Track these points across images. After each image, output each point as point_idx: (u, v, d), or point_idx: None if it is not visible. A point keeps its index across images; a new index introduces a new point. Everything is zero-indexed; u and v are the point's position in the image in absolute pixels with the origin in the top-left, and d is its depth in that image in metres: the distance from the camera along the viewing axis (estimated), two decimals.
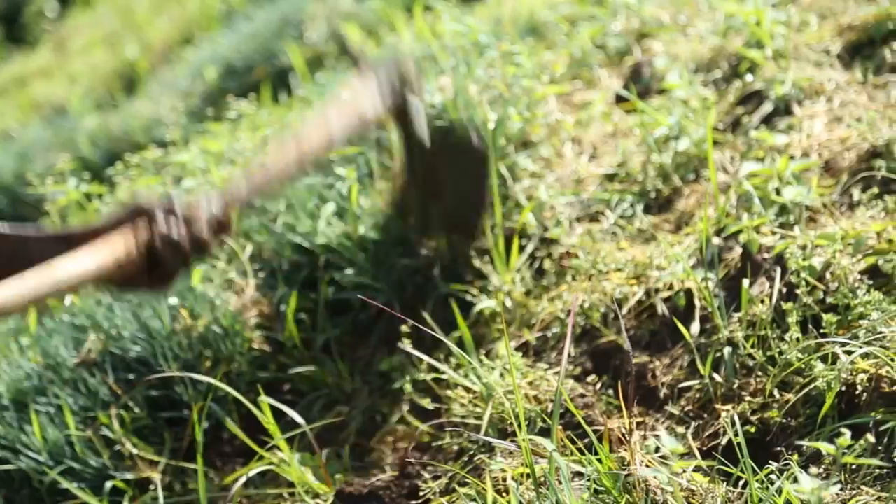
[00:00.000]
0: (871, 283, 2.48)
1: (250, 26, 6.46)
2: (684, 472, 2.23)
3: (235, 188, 2.50)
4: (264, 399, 2.72)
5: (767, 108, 3.15)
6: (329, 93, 3.85)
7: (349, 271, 3.06)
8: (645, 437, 2.42)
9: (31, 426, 2.97)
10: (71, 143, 6.24)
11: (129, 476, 2.89)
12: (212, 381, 2.63)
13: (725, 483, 2.25)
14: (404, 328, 2.74)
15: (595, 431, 2.41)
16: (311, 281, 3.16)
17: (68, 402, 2.98)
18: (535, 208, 3.11)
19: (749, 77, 3.27)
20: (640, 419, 2.54)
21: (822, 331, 2.41)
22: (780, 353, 2.44)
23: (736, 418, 2.29)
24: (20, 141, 6.97)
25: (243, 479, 2.74)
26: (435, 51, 3.60)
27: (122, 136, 5.86)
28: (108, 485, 2.86)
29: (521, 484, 2.31)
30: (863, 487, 2.13)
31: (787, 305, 2.46)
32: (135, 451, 2.91)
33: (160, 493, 2.68)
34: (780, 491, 2.09)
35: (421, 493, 2.54)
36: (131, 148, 5.42)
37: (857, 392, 2.29)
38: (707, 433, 2.45)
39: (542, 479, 2.23)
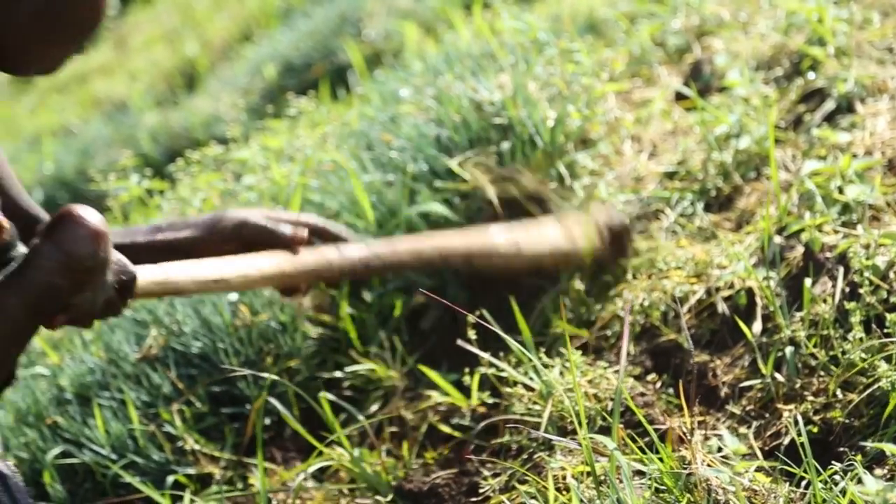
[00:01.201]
0: None
1: (309, 24, 6.49)
2: (746, 471, 2.23)
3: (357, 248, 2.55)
4: (324, 395, 2.74)
5: (829, 105, 3.13)
6: (387, 90, 3.86)
7: None
8: (706, 437, 2.41)
9: (95, 420, 3.00)
10: (132, 140, 6.30)
11: (190, 471, 2.91)
12: (272, 377, 2.65)
13: (788, 483, 2.24)
14: (470, 319, 2.74)
15: (655, 430, 2.40)
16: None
17: (131, 396, 3.01)
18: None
19: (811, 75, 3.25)
20: (700, 418, 2.54)
21: (885, 331, 2.39)
22: (843, 352, 2.42)
23: (799, 418, 2.28)
24: (81, 137, 7.04)
25: (303, 475, 2.76)
26: (494, 48, 3.60)
27: (183, 132, 5.90)
28: (170, 479, 2.89)
29: (581, 482, 2.31)
30: None
31: (850, 305, 2.45)
32: (196, 446, 2.94)
33: (221, 488, 2.70)
34: (844, 492, 2.08)
35: (480, 491, 2.54)
36: (191, 145, 5.46)
37: None
38: (769, 433, 2.44)
39: (603, 478, 2.23)
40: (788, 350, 2.52)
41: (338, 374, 3.05)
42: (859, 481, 2.07)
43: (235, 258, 2.41)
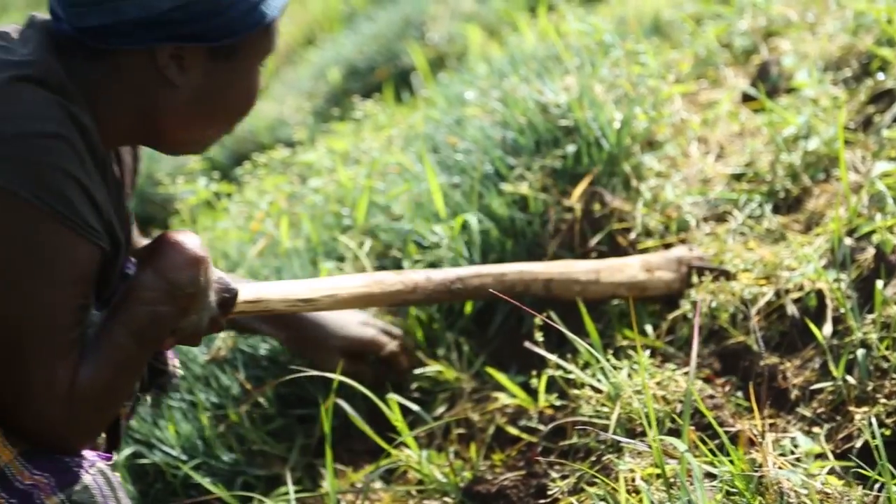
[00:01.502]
0: None
1: (372, 27, 6.52)
2: (819, 474, 2.21)
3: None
4: (392, 396, 2.75)
5: None
6: (452, 93, 3.87)
7: None
8: (777, 440, 2.40)
9: (165, 421, 3.03)
10: None
11: (259, 472, 2.93)
12: (340, 377, 2.67)
13: (861, 486, 2.23)
14: (537, 321, 2.74)
15: (725, 432, 2.39)
16: None
17: (201, 398, 3.03)
18: (661, 208, 3.10)
19: (880, 75, 3.22)
20: (771, 421, 2.52)
21: None
22: None
23: (873, 420, 2.26)
24: None
25: (372, 477, 2.77)
26: (559, 50, 3.60)
27: (248, 136, 5.94)
28: (240, 480, 2.92)
29: (650, 484, 2.31)
30: None
31: None
32: (265, 447, 2.96)
33: (291, 489, 2.71)
34: None
35: (549, 493, 2.54)
36: (257, 148, 5.49)
37: None
38: (840, 436, 2.42)
39: (673, 480, 2.23)
40: (860, 352, 2.50)
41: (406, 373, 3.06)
42: None
43: (325, 279, 2.47)
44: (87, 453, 2.03)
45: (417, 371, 3.01)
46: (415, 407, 2.87)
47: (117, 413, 2.13)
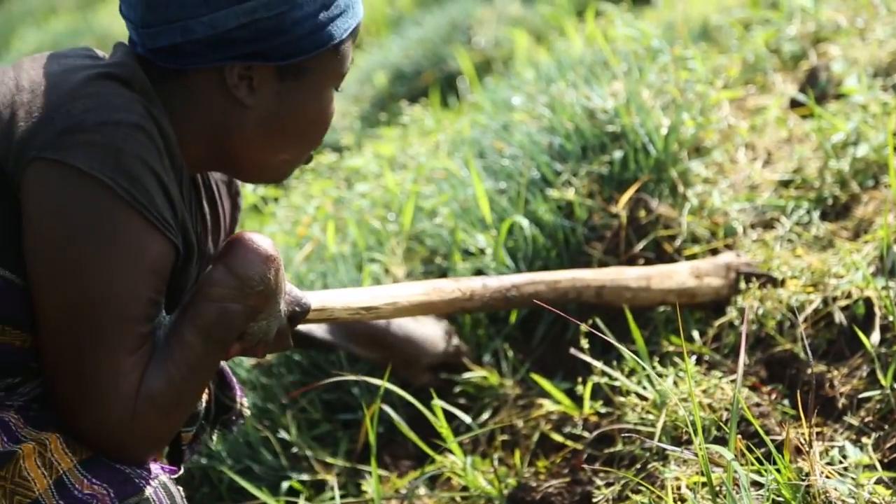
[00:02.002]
0: None
1: (419, 31, 6.53)
2: (867, 483, 2.19)
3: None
4: (437, 402, 2.75)
5: None
6: (499, 98, 3.87)
7: None
8: (825, 449, 2.38)
9: None
10: None
11: (305, 477, 2.94)
12: (385, 384, 2.67)
13: None
14: (583, 328, 2.74)
15: (772, 441, 2.38)
16: None
17: (246, 402, 3.04)
18: (707, 215, 3.09)
19: None
20: (818, 429, 2.51)
21: None
22: None
23: None
24: None
25: (416, 482, 2.77)
26: (607, 56, 3.59)
27: None
28: (285, 485, 2.92)
29: (696, 493, 2.29)
30: None
31: None
32: (310, 452, 2.96)
33: (336, 494, 2.72)
34: None
35: (594, 500, 2.53)
36: None
37: None
38: (888, 445, 2.40)
39: (719, 489, 2.22)
40: None
41: (451, 379, 3.06)
42: None
43: (386, 287, 2.49)
44: (151, 465, 2.00)
45: (463, 376, 3.01)
46: (459, 413, 2.87)
47: (181, 423, 2.09)
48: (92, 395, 1.93)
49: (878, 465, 2.35)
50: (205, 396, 2.27)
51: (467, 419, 2.84)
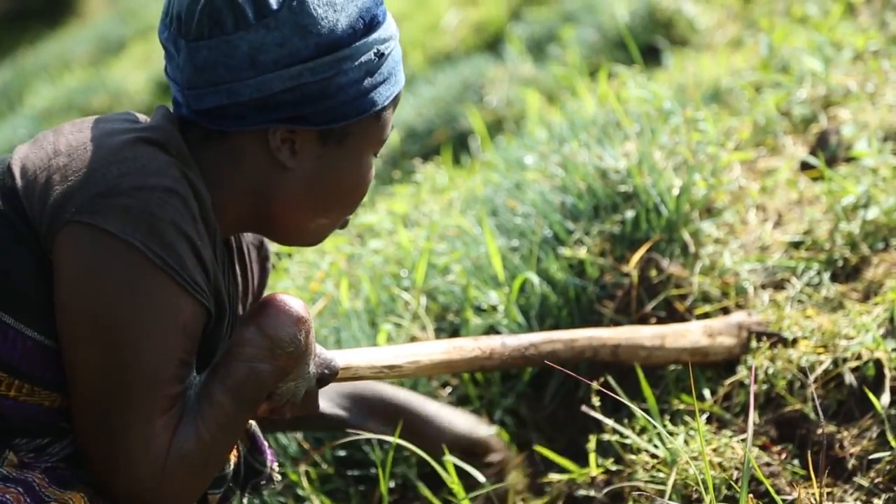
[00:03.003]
0: None
1: (431, 90, 6.58)
2: None
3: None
4: (449, 458, 2.76)
5: None
6: (511, 157, 3.91)
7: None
8: None
9: None
10: None
11: None
12: (397, 440, 2.68)
13: None
14: (595, 386, 2.76)
15: (783, 501, 2.39)
16: None
17: None
18: (718, 275, 3.11)
19: None
20: (828, 490, 2.52)
21: None
22: None
23: None
24: None
25: None
26: (619, 116, 3.63)
27: None
28: None
29: None
30: None
31: None
32: None
33: None
34: None
35: None
36: None
37: None
38: None
39: None
40: None
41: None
42: None
43: (408, 346, 2.52)
44: None
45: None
46: (471, 469, 2.89)
47: (210, 481, 2.11)
48: (123, 455, 1.96)
49: None
50: (233, 458, 2.29)
51: (481, 477, 2.85)
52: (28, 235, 1.97)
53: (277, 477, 2.40)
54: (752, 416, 2.29)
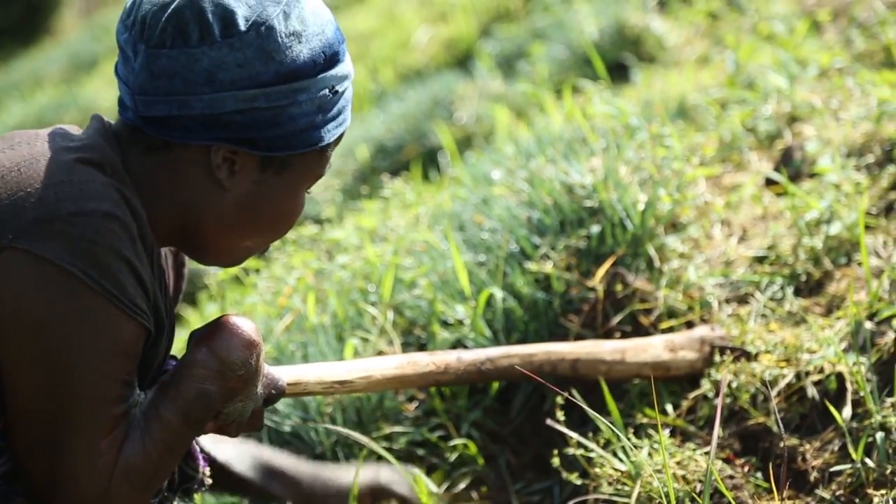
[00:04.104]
0: None
1: (401, 106, 6.59)
2: None
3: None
4: (416, 472, 2.77)
5: None
6: (479, 172, 3.92)
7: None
8: None
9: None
10: None
11: None
12: (373, 444, 2.69)
13: None
14: (559, 399, 2.77)
15: None
16: None
17: None
18: (683, 289, 3.13)
19: None
20: (790, 502, 2.54)
21: None
22: None
23: (891, 503, 2.28)
24: None
25: None
26: (585, 132, 3.65)
27: None
28: None
29: None
30: None
31: None
32: None
33: None
34: None
35: None
36: None
37: None
38: None
39: None
40: (879, 435, 2.52)
41: (431, 449, 3.08)
42: None
43: (360, 361, 2.52)
44: None
45: (442, 444, 3.04)
46: (432, 484, 2.90)
47: (153, 495, 2.13)
48: (68, 475, 1.98)
49: None
50: None
51: (434, 488, 2.86)
52: None
53: (208, 481, 2.42)
54: (717, 429, 2.31)
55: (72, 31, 16.69)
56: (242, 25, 2.04)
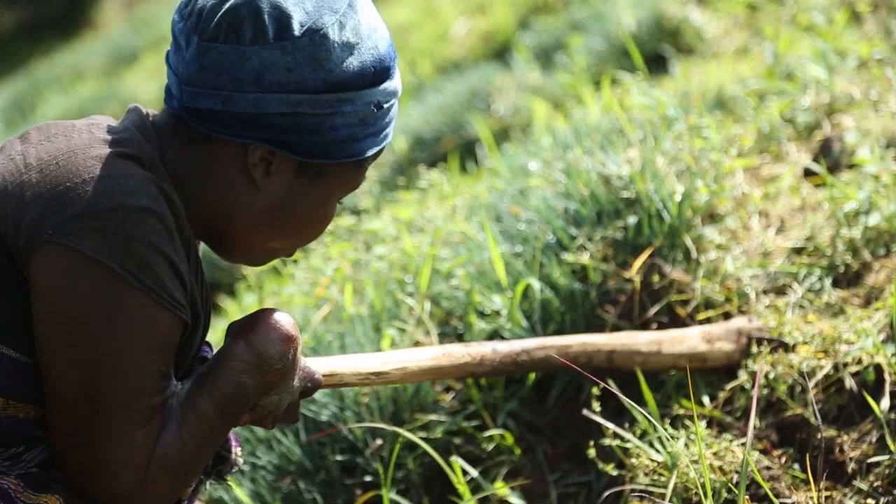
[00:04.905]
0: None
1: (439, 98, 6.60)
2: None
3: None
4: (456, 459, 2.78)
5: None
6: (516, 164, 3.92)
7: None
8: None
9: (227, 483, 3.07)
10: None
11: None
12: (404, 432, 2.70)
13: None
14: (595, 390, 2.77)
15: None
16: None
17: (263, 460, 3.07)
18: (720, 280, 3.12)
19: None
20: (827, 493, 2.53)
21: None
22: None
23: None
24: None
25: None
26: (623, 124, 3.65)
27: None
28: None
29: None
30: None
31: None
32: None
33: None
34: None
35: None
36: None
37: None
38: None
39: None
40: None
41: (466, 438, 3.08)
42: None
43: (396, 352, 2.52)
44: None
45: (479, 435, 3.04)
46: (473, 471, 2.90)
47: (191, 485, 2.14)
48: (105, 465, 1.99)
49: None
50: None
51: (470, 472, 2.86)
52: (1, 253, 1.97)
53: (240, 461, 2.43)
54: (753, 420, 2.30)
55: (113, 24, 16.77)
56: (297, 30, 2.04)
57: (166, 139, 2.11)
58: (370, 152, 2.14)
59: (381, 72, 2.11)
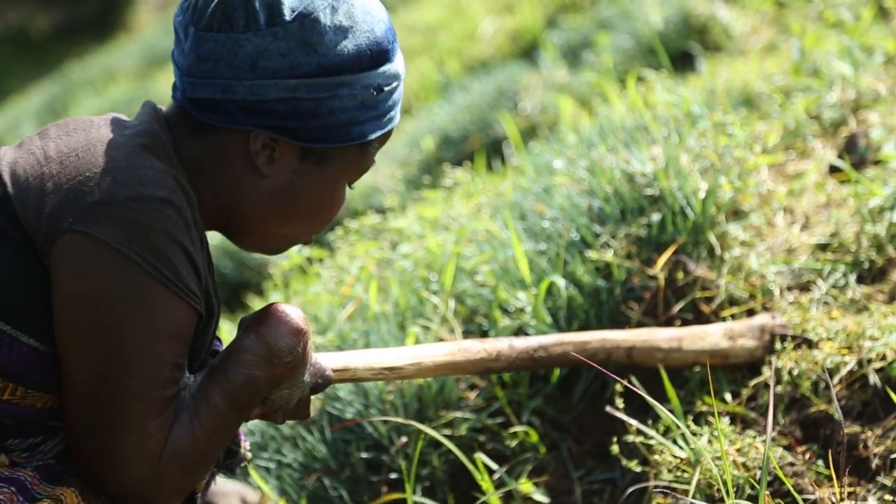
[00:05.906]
0: None
1: (466, 97, 6.61)
2: None
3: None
4: (480, 456, 2.79)
5: None
6: (541, 162, 3.93)
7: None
8: None
9: (252, 479, 3.09)
10: None
11: None
12: (428, 430, 2.71)
13: None
14: (619, 387, 2.78)
15: (805, 500, 2.40)
16: None
17: (288, 458, 3.09)
18: (745, 277, 3.12)
19: None
20: (851, 489, 2.53)
21: None
22: None
23: None
24: None
25: None
26: (647, 121, 3.65)
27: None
28: None
29: None
30: None
31: None
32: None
33: None
34: None
35: None
36: (350, 214, 5.59)
37: None
38: None
39: None
40: None
41: (490, 435, 3.09)
42: None
43: (410, 347, 2.53)
44: None
45: (503, 432, 3.05)
46: (495, 466, 2.91)
47: (203, 477, 2.16)
48: (118, 455, 2.01)
49: None
50: None
51: (495, 469, 2.87)
52: (22, 243, 2.00)
53: (249, 455, 2.45)
54: (772, 416, 2.30)
55: (147, 26, 16.86)
56: (287, 15, 2.06)
57: (176, 131, 2.14)
58: (373, 135, 2.15)
59: (378, 54, 2.13)
